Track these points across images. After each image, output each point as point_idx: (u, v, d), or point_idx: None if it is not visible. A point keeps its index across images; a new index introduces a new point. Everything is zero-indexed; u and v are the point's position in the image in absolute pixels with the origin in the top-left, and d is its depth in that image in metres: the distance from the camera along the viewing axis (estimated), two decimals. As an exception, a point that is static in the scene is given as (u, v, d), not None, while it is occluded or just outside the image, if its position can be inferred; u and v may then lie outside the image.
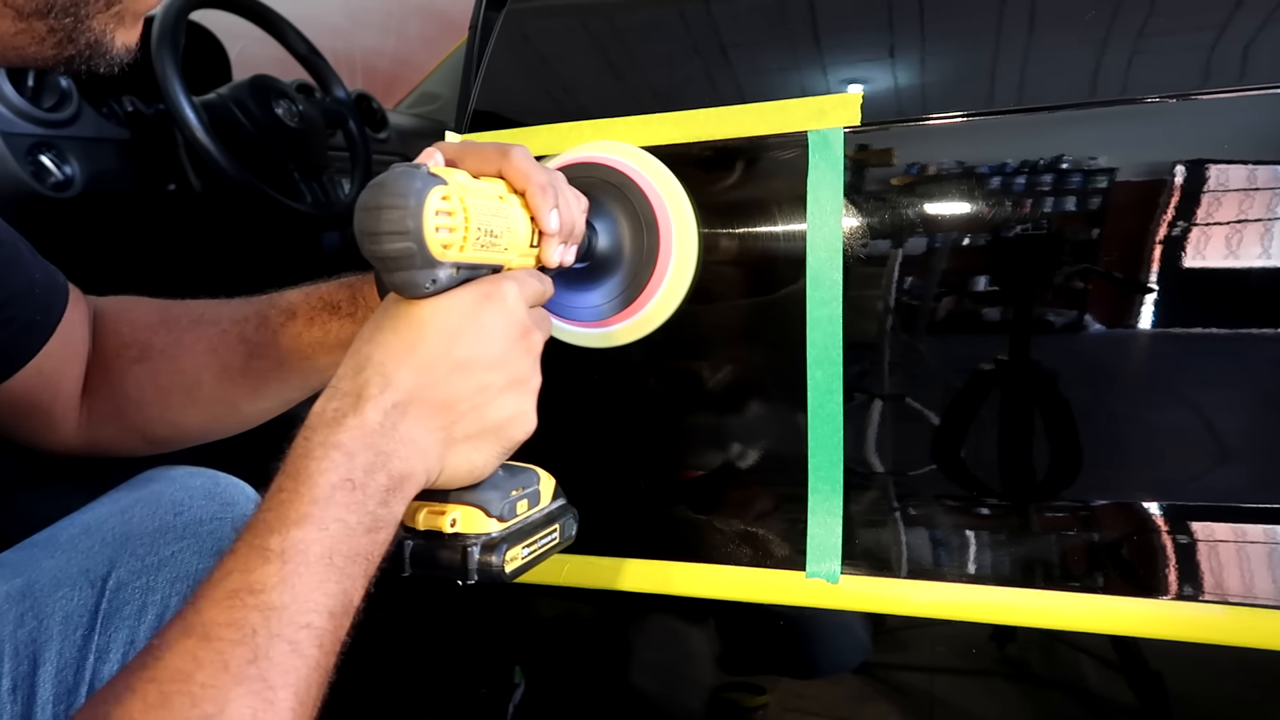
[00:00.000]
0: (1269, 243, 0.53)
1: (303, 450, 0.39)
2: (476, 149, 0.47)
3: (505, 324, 0.44)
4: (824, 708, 0.67)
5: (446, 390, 0.42)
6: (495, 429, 0.44)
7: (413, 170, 0.40)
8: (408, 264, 0.40)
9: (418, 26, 2.80)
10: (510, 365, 0.44)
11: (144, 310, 0.63)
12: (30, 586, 0.52)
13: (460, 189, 0.41)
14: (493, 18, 0.76)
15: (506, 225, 0.45)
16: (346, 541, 0.38)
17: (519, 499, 0.47)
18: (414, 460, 0.41)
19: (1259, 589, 0.54)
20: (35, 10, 0.37)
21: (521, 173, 0.46)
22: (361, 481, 0.39)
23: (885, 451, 0.62)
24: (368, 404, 0.40)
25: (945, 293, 0.60)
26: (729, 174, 0.65)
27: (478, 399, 0.43)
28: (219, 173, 1.04)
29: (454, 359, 0.42)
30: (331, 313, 0.59)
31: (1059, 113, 0.58)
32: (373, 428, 0.40)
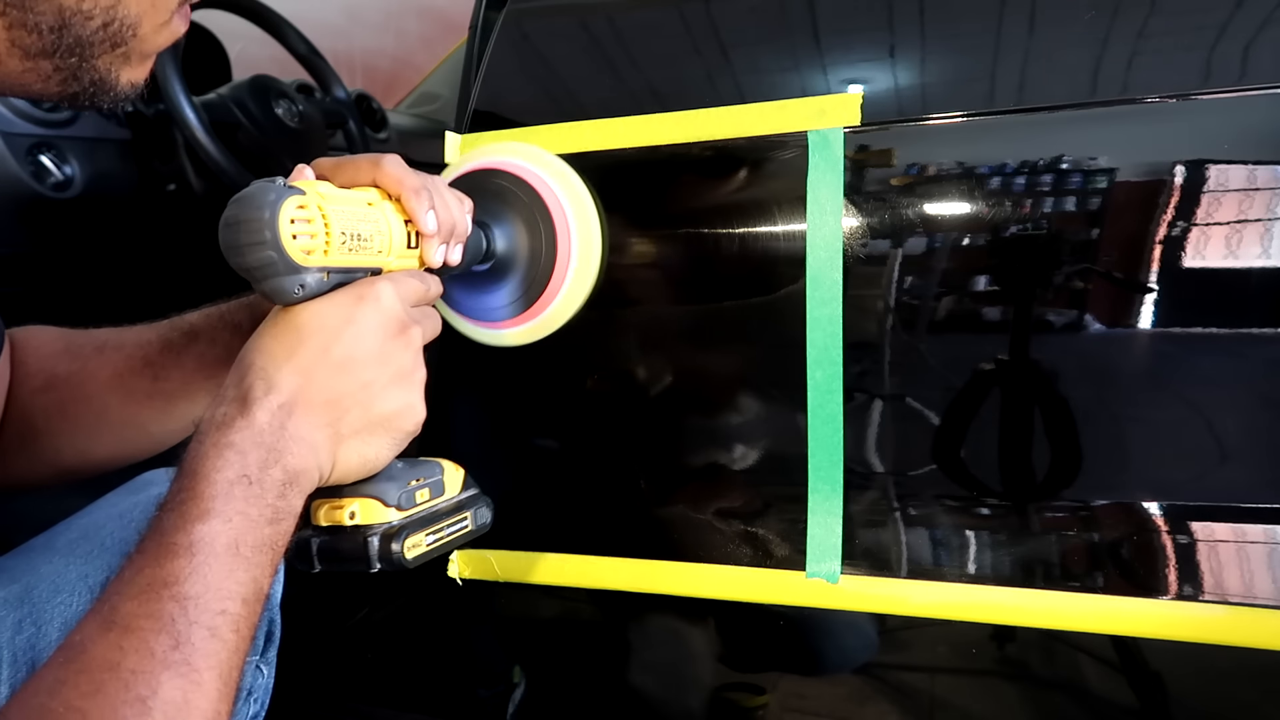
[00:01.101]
0: (1269, 243, 0.53)
1: (196, 453, 0.41)
2: (349, 162, 0.49)
3: (381, 321, 0.45)
4: (824, 708, 0.67)
5: (329, 389, 0.43)
6: (383, 422, 0.46)
7: (267, 184, 0.42)
8: (271, 271, 0.42)
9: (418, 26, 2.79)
10: (391, 360, 0.46)
11: (47, 339, 0.63)
12: (28, 592, 0.52)
13: (319, 197, 0.43)
14: (493, 18, 0.76)
15: (377, 229, 0.46)
16: (250, 532, 0.40)
17: (419, 488, 0.49)
18: (306, 457, 0.42)
19: (1259, 589, 0.54)
20: (42, 50, 0.38)
21: (393, 178, 0.48)
22: (257, 477, 0.40)
23: (885, 451, 0.62)
24: (254, 406, 0.42)
25: (945, 293, 0.60)
26: (729, 174, 0.65)
27: (361, 395, 0.45)
28: (219, 173, 1.04)
29: (333, 359, 0.44)
30: (233, 332, 0.59)
31: (1059, 113, 0.58)
32: (261, 427, 0.41)
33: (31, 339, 0.62)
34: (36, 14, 0.37)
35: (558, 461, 0.72)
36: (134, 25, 0.40)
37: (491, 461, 0.74)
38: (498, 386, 0.73)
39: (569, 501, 0.71)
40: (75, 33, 0.38)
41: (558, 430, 0.71)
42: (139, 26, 0.40)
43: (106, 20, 0.39)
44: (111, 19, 0.39)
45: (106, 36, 0.39)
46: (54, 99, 0.41)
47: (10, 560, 0.55)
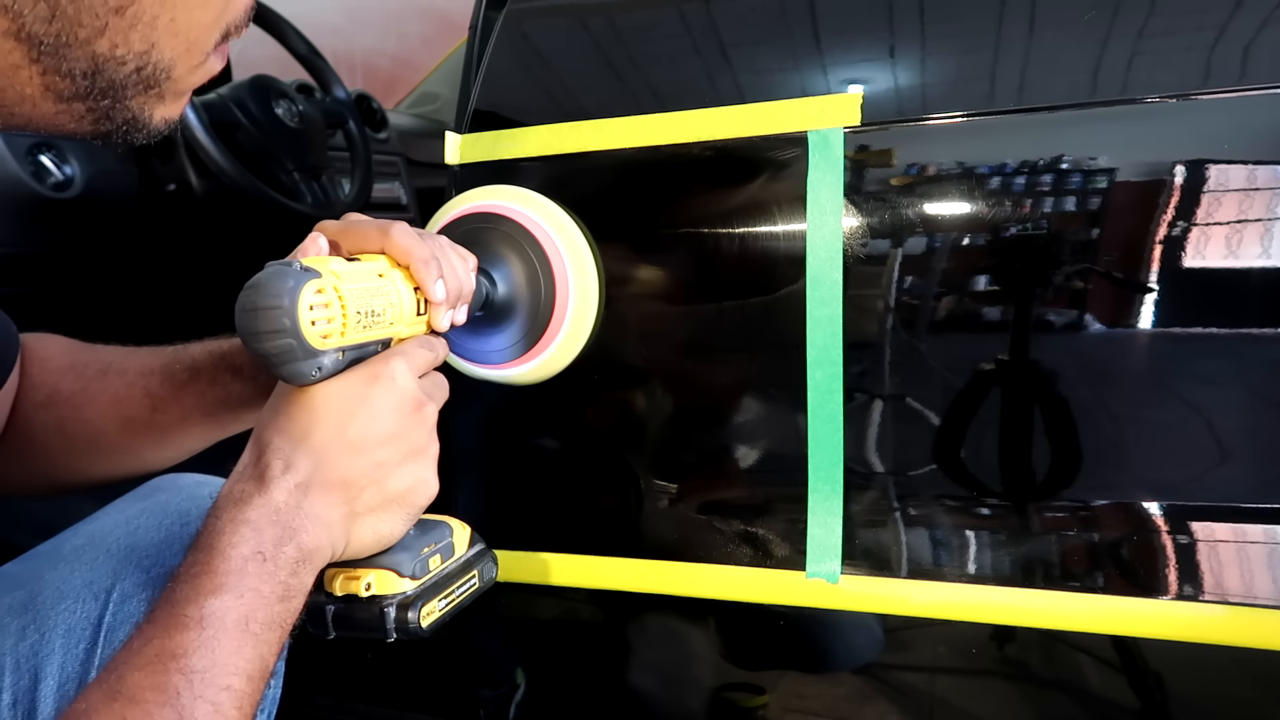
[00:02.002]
0: (1269, 243, 0.53)
1: (213, 528, 0.41)
2: (357, 229, 0.49)
3: (396, 401, 0.46)
4: (824, 708, 0.67)
5: (344, 470, 0.44)
6: (397, 499, 0.46)
7: (285, 269, 0.42)
8: (290, 358, 0.42)
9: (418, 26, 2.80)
10: (405, 439, 0.46)
11: (54, 352, 0.63)
12: (33, 599, 0.52)
13: (335, 278, 0.43)
14: (493, 18, 0.76)
15: (389, 302, 0.47)
16: (261, 609, 0.40)
17: (431, 555, 0.49)
18: (320, 535, 0.43)
19: (1259, 589, 0.54)
20: (75, 94, 0.38)
21: (402, 249, 0.48)
22: (272, 554, 0.41)
23: (885, 451, 0.62)
24: (271, 484, 0.42)
25: (945, 293, 0.60)
26: (729, 174, 0.65)
27: (376, 474, 0.45)
28: (219, 173, 1.04)
29: (348, 440, 0.44)
30: (233, 375, 0.59)
31: (1059, 113, 0.58)
32: (278, 506, 0.42)
33: (39, 350, 0.62)
34: (70, 60, 0.36)
35: (559, 461, 0.72)
36: (168, 69, 0.39)
37: (493, 461, 0.74)
38: (498, 387, 0.73)
39: (570, 502, 0.71)
40: (109, 77, 0.38)
41: (559, 430, 0.71)
42: (173, 69, 0.40)
43: (140, 65, 0.38)
44: (145, 63, 0.38)
45: (140, 80, 0.39)
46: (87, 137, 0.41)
47: (16, 567, 0.55)
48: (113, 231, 1.09)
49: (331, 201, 1.26)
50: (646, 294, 0.68)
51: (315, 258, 0.45)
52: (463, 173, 0.74)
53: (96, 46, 0.36)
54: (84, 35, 0.36)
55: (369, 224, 0.49)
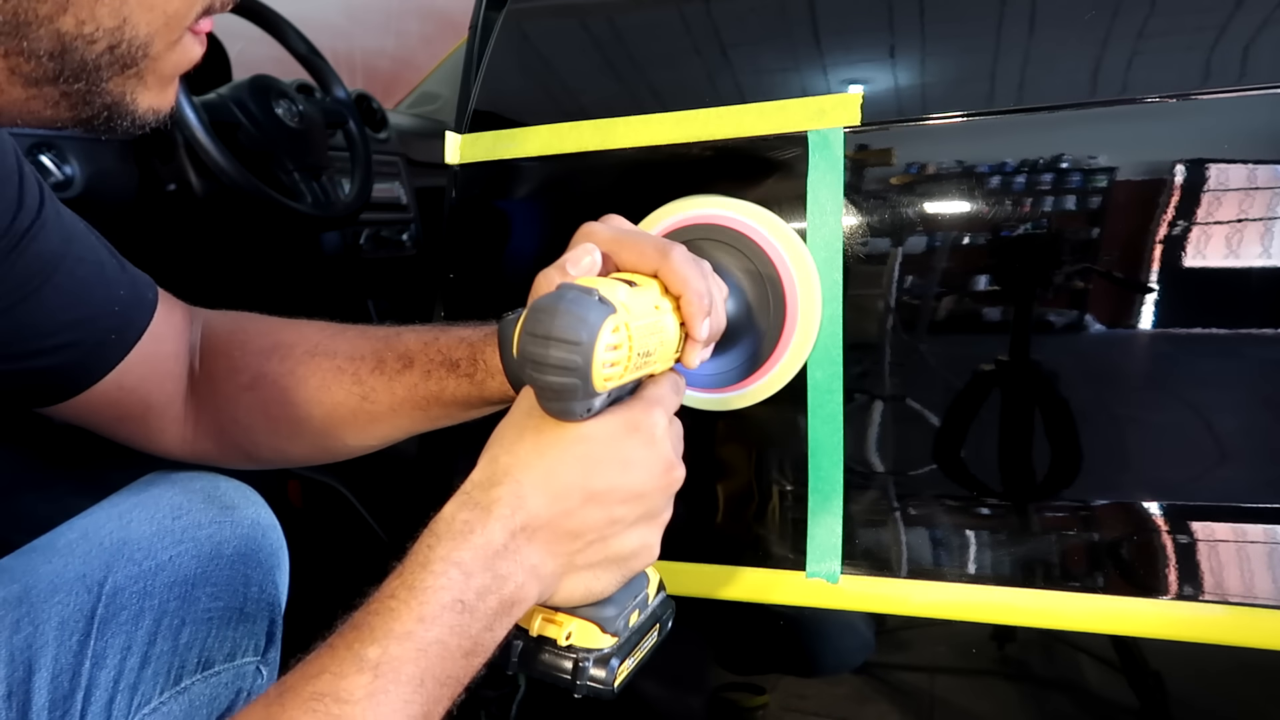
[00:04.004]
0: (1269, 243, 0.53)
1: (423, 559, 0.39)
2: (634, 244, 0.45)
3: (649, 459, 0.42)
4: (824, 708, 0.67)
5: (577, 520, 0.41)
6: (619, 560, 0.44)
7: (585, 298, 0.38)
8: (570, 396, 0.39)
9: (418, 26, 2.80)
10: (646, 501, 0.43)
11: (257, 332, 0.61)
12: (27, 592, 0.52)
13: (627, 314, 0.39)
14: (493, 18, 0.76)
15: (661, 339, 0.43)
16: (441, 665, 0.38)
17: (632, 609, 0.46)
18: (529, 586, 0.40)
19: (1259, 589, 0.54)
20: (44, 77, 0.36)
21: (681, 278, 0.44)
22: (472, 604, 0.38)
23: (885, 451, 0.62)
24: (496, 522, 0.40)
25: (945, 293, 0.60)
26: (729, 174, 0.65)
27: (606, 530, 0.42)
28: (219, 173, 1.04)
29: (590, 489, 0.41)
30: (449, 370, 0.57)
31: (1059, 113, 0.58)
32: (496, 549, 0.39)
33: (241, 330, 0.61)
34: (33, 40, 0.34)
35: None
36: (144, 45, 0.37)
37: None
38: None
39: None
40: (78, 57, 0.36)
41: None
42: (150, 46, 0.37)
43: (113, 43, 0.36)
44: (118, 40, 0.36)
45: (115, 59, 0.37)
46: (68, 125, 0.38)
47: (12, 561, 0.55)
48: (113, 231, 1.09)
49: (331, 201, 1.26)
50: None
51: (601, 281, 0.41)
52: (463, 173, 0.74)
53: (60, 24, 0.34)
54: (45, 11, 0.34)
55: (647, 242, 0.45)
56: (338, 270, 1.44)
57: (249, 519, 0.58)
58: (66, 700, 0.51)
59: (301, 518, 1.20)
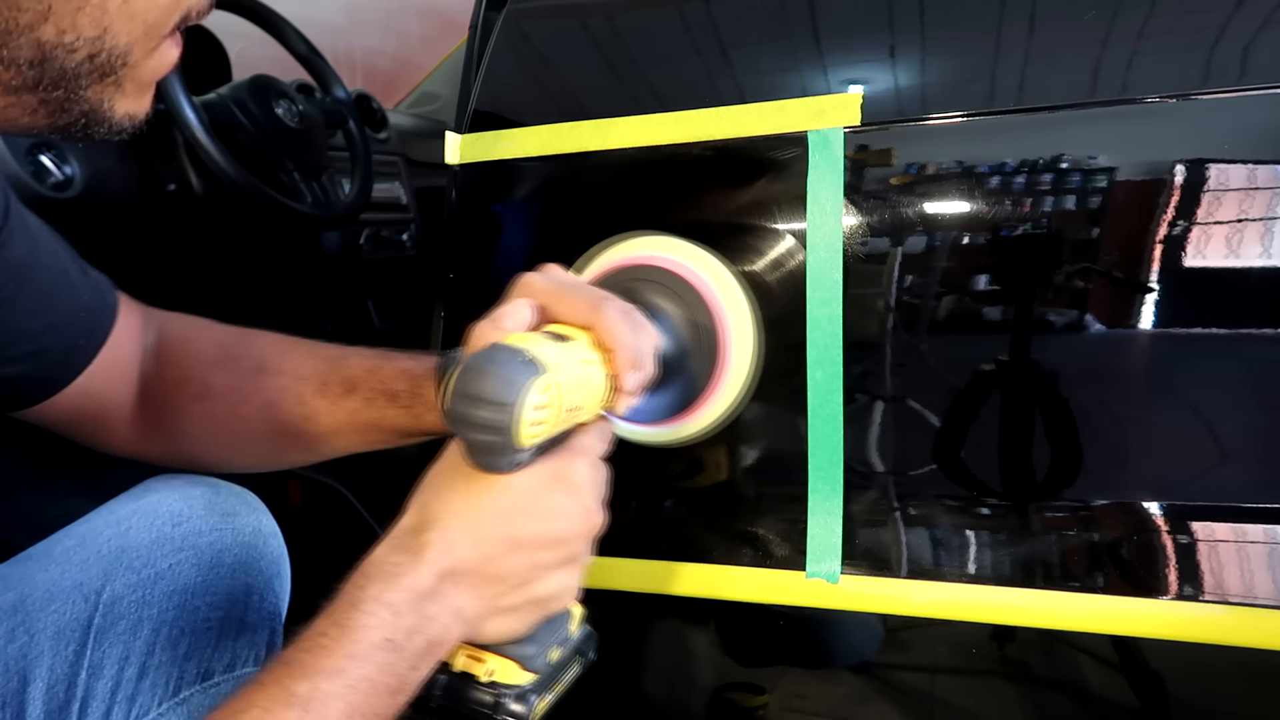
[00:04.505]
0: (1269, 243, 0.53)
1: (353, 599, 0.40)
2: (568, 297, 0.46)
3: (571, 509, 0.44)
4: (824, 708, 0.67)
5: (502, 565, 0.42)
6: (538, 602, 0.45)
7: (512, 358, 0.39)
8: (497, 453, 0.40)
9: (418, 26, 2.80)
10: (567, 547, 0.44)
11: (207, 342, 0.62)
12: (22, 601, 0.51)
13: (555, 372, 0.40)
14: (493, 18, 0.76)
15: (589, 393, 0.44)
16: (369, 701, 0.38)
17: (553, 647, 0.48)
18: (455, 627, 0.42)
19: (1259, 589, 0.54)
20: (23, 85, 0.36)
21: (612, 334, 0.45)
22: (400, 643, 0.39)
23: (885, 451, 0.62)
24: (425, 567, 0.41)
25: (945, 293, 0.60)
26: (729, 174, 0.65)
27: (529, 575, 0.43)
28: (219, 173, 1.04)
29: (514, 537, 0.42)
30: (389, 400, 0.58)
31: (1059, 113, 0.58)
32: (424, 591, 0.40)
33: (193, 339, 0.62)
34: (13, 49, 0.34)
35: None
36: (124, 54, 0.37)
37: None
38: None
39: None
40: (58, 65, 0.35)
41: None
42: (130, 55, 0.37)
43: (93, 51, 0.36)
44: (99, 49, 0.36)
45: (94, 67, 0.36)
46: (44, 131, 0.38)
47: (7, 569, 0.54)
48: (113, 231, 1.09)
49: (331, 201, 1.26)
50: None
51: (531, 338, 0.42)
52: (463, 173, 0.74)
53: (41, 33, 0.34)
54: (26, 20, 0.33)
55: (581, 296, 0.46)
56: (338, 270, 1.44)
57: (250, 527, 0.58)
58: (62, 711, 0.50)
59: (302, 518, 1.20)
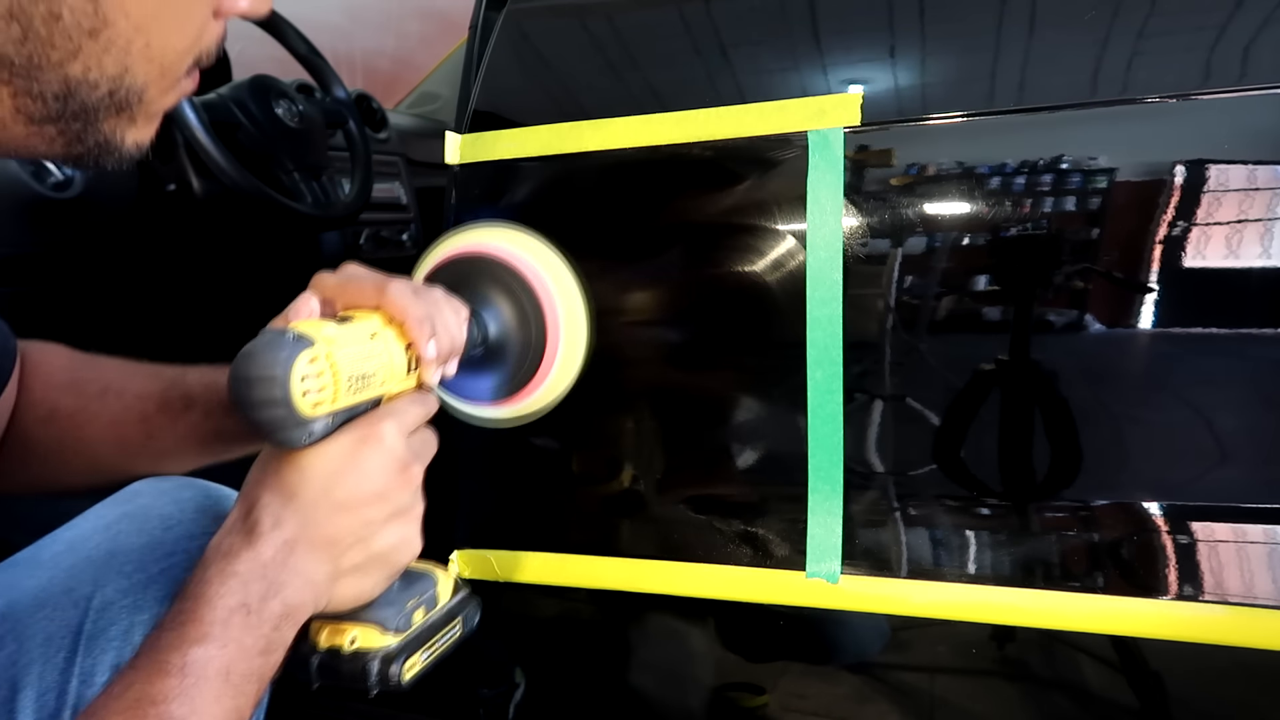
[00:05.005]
0: (1269, 243, 0.53)
1: (200, 578, 0.42)
2: (354, 284, 0.49)
3: (383, 463, 0.46)
4: (824, 708, 0.67)
5: (330, 528, 0.45)
6: (380, 557, 0.47)
7: (278, 337, 0.42)
8: (282, 427, 0.42)
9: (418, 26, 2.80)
10: (390, 499, 0.46)
11: (56, 366, 0.63)
12: (11, 608, 0.51)
13: (328, 344, 0.43)
14: (493, 18, 0.76)
15: (381, 363, 0.47)
16: (243, 661, 0.41)
17: (415, 609, 0.50)
18: (304, 591, 0.44)
19: (1259, 589, 0.54)
20: (46, 117, 0.38)
21: (398, 308, 0.48)
22: (256, 608, 0.42)
23: (885, 451, 0.62)
24: (260, 540, 0.43)
25: (945, 293, 0.60)
26: (729, 174, 0.65)
27: (362, 533, 0.46)
28: (219, 173, 1.04)
29: (334, 500, 0.45)
30: (227, 412, 0.60)
31: (1059, 113, 0.58)
32: (265, 560, 0.43)
33: (41, 364, 0.63)
34: (42, 83, 0.36)
35: (560, 463, 0.72)
36: (140, 92, 0.40)
37: (495, 462, 0.74)
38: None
39: (569, 501, 0.71)
40: (81, 100, 0.38)
41: (560, 433, 0.71)
42: (145, 92, 0.40)
43: (113, 88, 0.38)
44: (118, 87, 0.38)
45: (113, 103, 0.39)
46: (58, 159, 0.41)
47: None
48: (113, 231, 1.09)
49: (331, 201, 1.26)
50: (645, 296, 0.68)
51: (308, 321, 0.45)
52: (463, 173, 0.74)
53: (69, 70, 0.36)
54: (57, 58, 0.36)
55: (365, 280, 0.49)
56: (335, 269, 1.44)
57: None
58: (53, 719, 0.50)
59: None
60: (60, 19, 0.35)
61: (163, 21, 0.38)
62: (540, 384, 0.62)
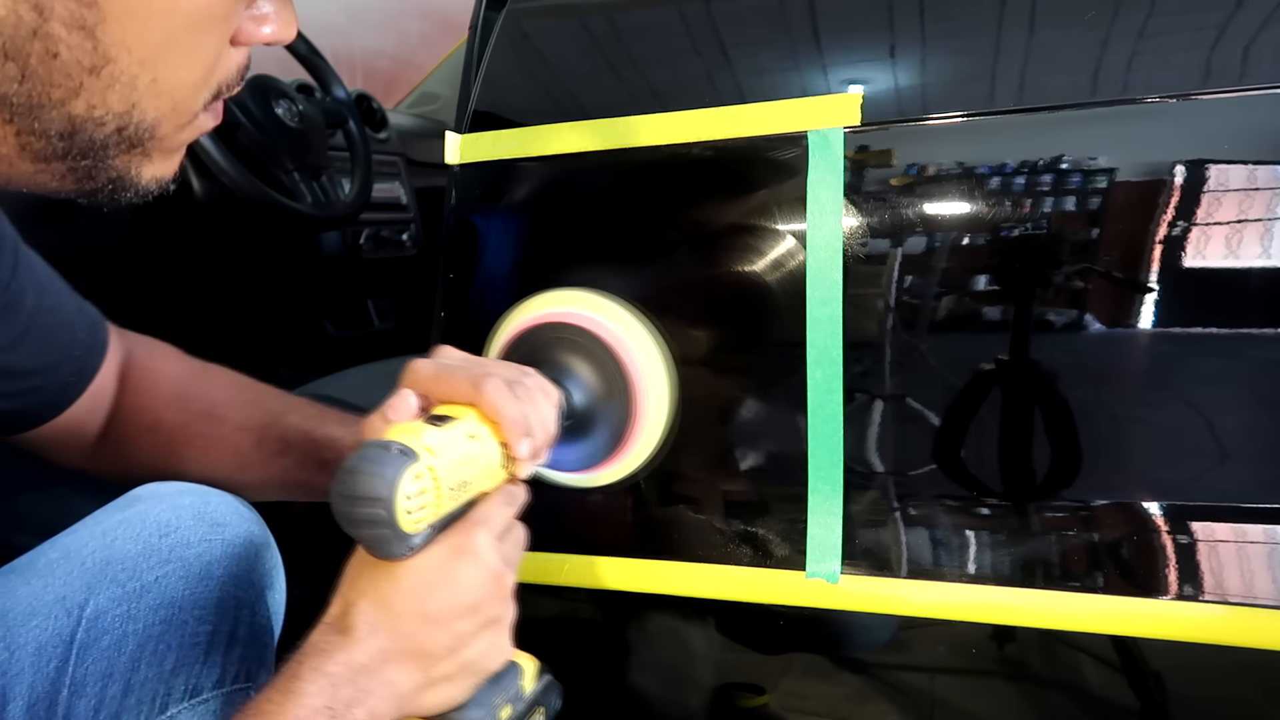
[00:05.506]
0: (1269, 243, 0.53)
1: (294, 671, 0.42)
2: (448, 381, 0.48)
3: (477, 575, 0.46)
4: (824, 708, 0.67)
5: (422, 641, 0.45)
6: (470, 666, 0.47)
7: (383, 454, 0.42)
8: (384, 544, 0.43)
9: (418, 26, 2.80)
10: (482, 611, 0.47)
11: (164, 375, 0.64)
12: (3, 616, 0.50)
13: (430, 456, 0.43)
14: (493, 18, 0.76)
15: (478, 466, 0.47)
16: None
17: (501, 705, 0.49)
18: (389, 701, 0.44)
19: (1259, 589, 0.54)
20: (52, 154, 0.37)
21: (493, 408, 0.48)
22: (340, 713, 0.42)
23: (885, 451, 0.62)
24: (354, 645, 0.43)
25: (945, 293, 0.60)
26: (729, 174, 0.65)
27: (453, 644, 0.46)
28: (219, 173, 1.04)
29: (427, 613, 0.45)
30: (319, 468, 0.60)
31: (1059, 113, 0.58)
32: (358, 667, 0.43)
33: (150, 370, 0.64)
34: (45, 121, 0.35)
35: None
36: (152, 128, 0.38)
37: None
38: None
39: (569, 502, 0.71)
40: (87, 137, 0.36)
41: (558, 430, 0.71)
42: (157, 129, 0.38)
43: (121, 125, 0.37)
44: (127, 123, 0.37)
45: (123, 139, 0.37)
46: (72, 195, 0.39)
47: None
48: (112, 232, 1.09)
49: (331, 201, 1.26)
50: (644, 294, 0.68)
51: (408, 427, 0.45)
52: (463, 173, 0.74)
53: (72, 108, 0.35)
54: (58, 96, 0.35)
55: (461, 377, 0.48)
56: (338, 270, 1.44)
57: (241, 537, 0.57)
58: None
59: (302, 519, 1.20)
60: (58, 57, 0.33)
61: (170, 55, 0.36)
62: (628, 449, 0.63)
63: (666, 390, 0.63)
